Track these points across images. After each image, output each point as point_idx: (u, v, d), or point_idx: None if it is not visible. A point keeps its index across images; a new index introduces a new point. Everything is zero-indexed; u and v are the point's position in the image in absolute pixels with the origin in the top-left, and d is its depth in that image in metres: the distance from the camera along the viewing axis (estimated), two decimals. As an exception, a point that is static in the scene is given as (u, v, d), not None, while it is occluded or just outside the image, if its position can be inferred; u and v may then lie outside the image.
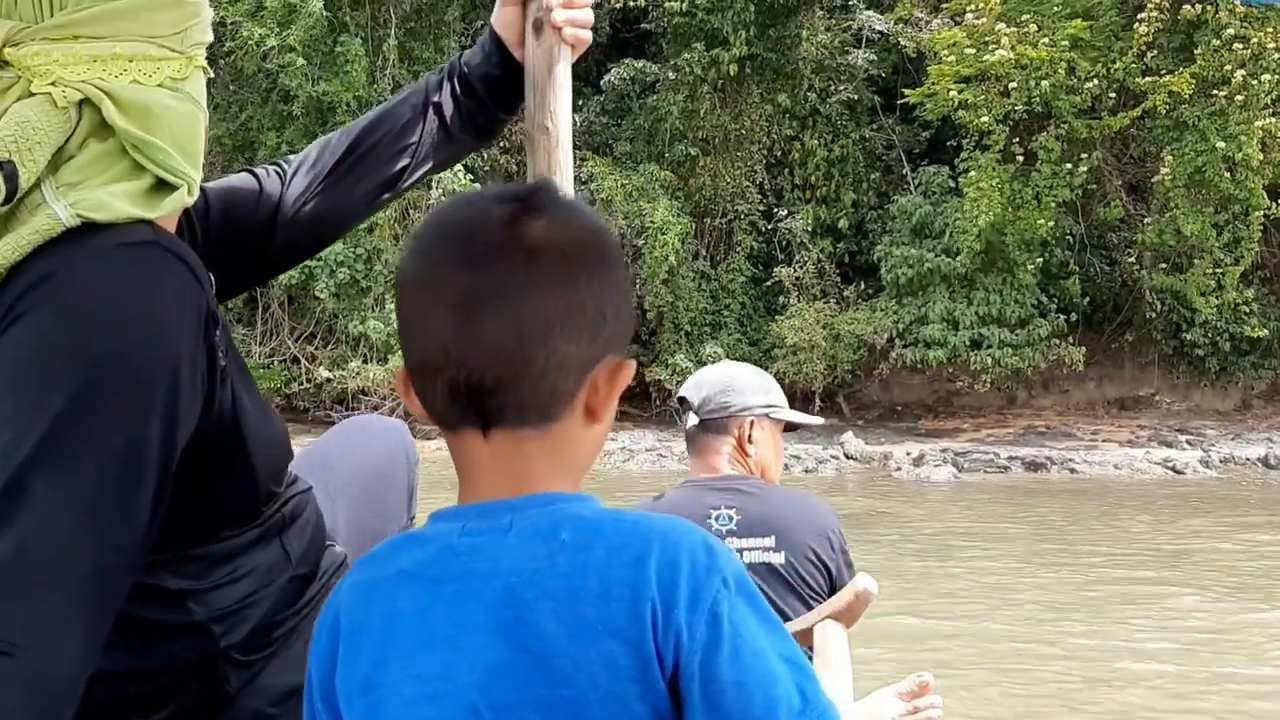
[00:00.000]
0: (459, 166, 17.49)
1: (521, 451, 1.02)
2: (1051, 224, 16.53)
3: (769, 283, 18.53)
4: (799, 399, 15.53)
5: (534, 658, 0.96)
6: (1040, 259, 16.79)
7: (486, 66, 1.79)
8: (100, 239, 1.23)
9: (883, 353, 17.52)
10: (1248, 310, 16.48)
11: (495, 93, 1.80)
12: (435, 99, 1.78)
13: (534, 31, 1.78)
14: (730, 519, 2.49)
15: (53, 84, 1.26)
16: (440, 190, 15.57)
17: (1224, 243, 16.34)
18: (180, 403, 1.22)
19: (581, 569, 0.97)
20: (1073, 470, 14.36)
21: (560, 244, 1.02)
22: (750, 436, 2.60)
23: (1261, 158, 15.88)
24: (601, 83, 18.94)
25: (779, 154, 18.65)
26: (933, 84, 16.82)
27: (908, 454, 15.06)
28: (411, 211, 16.85)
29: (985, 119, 16.47)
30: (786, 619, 2.35)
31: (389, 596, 1.03)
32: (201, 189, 1.56)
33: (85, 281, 1.20)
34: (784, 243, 18.52)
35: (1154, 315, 17.10)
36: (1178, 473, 14.10)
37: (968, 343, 16.85)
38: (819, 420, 3.35)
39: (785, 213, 18.52)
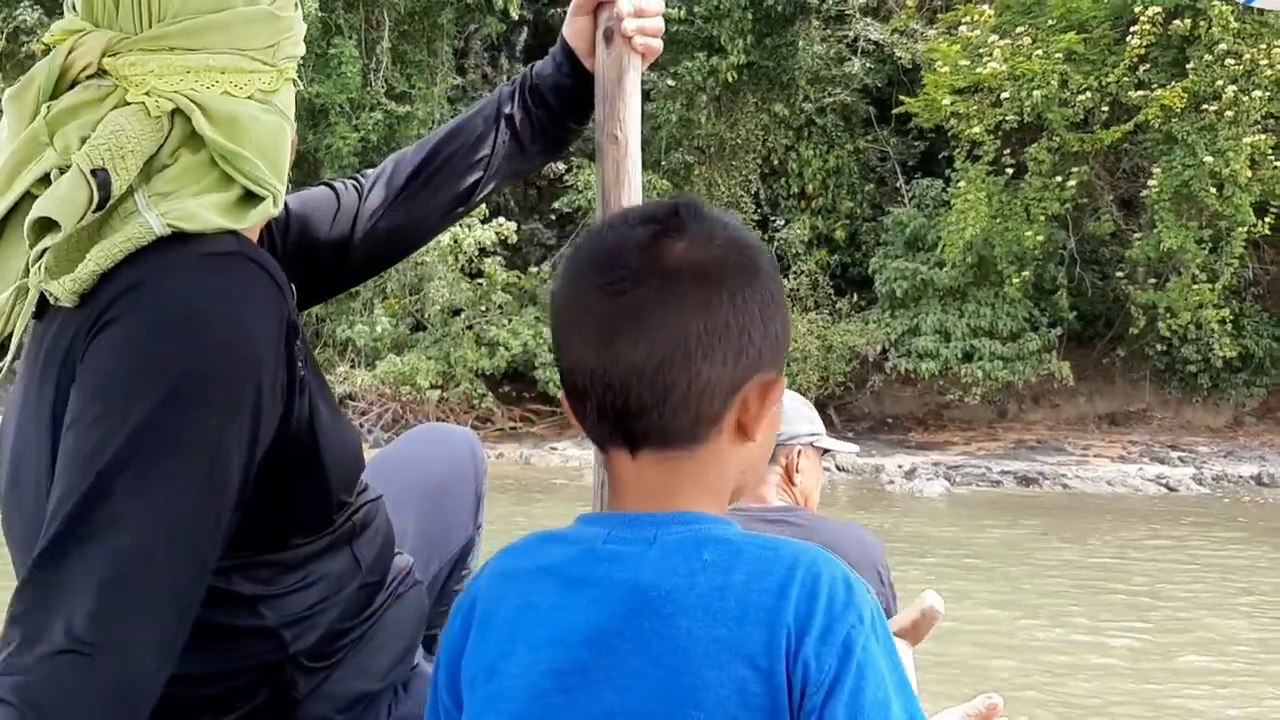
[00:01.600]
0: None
1: (668, 472, 1.03)
2: (1041, 237, 16.56)
3: (763, 293, 18.45)
4: (791, 409, 15.46)
5: (667, 673, 0.96)
6: (1030, 272, 16.81)
7: (557, 76, 1.80)
8: (187, 249, 1.26)
9: (875, 364, 17.54)
10: (1217, 329, 16.40)
11: (566, 102, 1.81)
12: (507, 110, 1.79)
13: (604, 41, 1.78)
14: None
15: (147, 94, 1.29)
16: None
17: (1206, 260, 16.31)
18: (262, 412, 1.24)
19: (720, 591, 0.97)
20: (1065, 486, 14.35)
21: (698, 263, 1.01)
22: (797, 466, 2.60)
23: (1250, 174, 15.91)
24: (598, 90, 18.86)
25: (775, 163, 18.66)
26: (927, 94, 16.86)
27: (899, 467, 15.04)
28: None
29: (976, 129, 16.51)
30: None
31: (525, 590, 1.05)
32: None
33: (172, 291, 1.23)
34: (779, 253, 18.51)
35: (1137, 331, 17.13)
36: (1171, 490, 14.10)
37: (959, 355, 16.87)
38: (854, 448, 3.35)
39: (782, 222, 18.52)
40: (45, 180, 1.27)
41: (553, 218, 18.25)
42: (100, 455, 1.16)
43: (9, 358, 1.36)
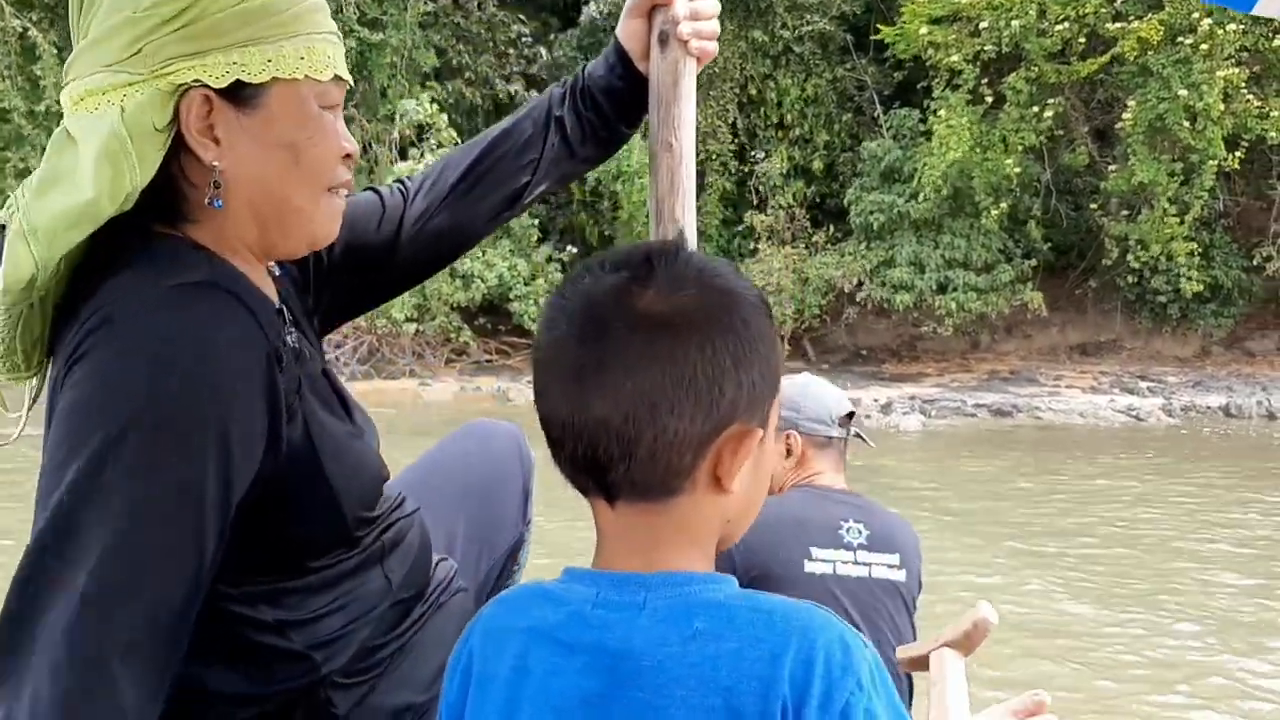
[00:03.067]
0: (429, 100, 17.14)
1: (647, 524, 1.01)
2: (1018, 169, 16.58)
3: (740, 227, 18.44)
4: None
5: None
6: (1006, 204, 16.86)
7: (609, 79, 1.76)
8: (159, 280, 1.24)
9: (850, 296, 17.59)
10: (1185, 261, 16.52)
11: (618, 105, 1.77)
12: (558, 113, 1.75)
13: (659, 44, 1.74)
14: (860, 533, 2.55)
15: None
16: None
17: (1178, 192, 16.40)
18: (232, 442, 1.21)
19: (713, 660, 0.95)
20: (1038, 418, 14.54)
21: (664, 314, 0.98)
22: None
23: (1223, 108, 15.96)
24: (580, 20, 18.66)
25: (753, 93, 18.47)
26: (905, 23, 16.72)
27: (875, 400, 15.15)
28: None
29: (955, 58, 16.43)
30: (902, 639, 2.44)
31: (519, 652, 1.03)
32: None
33: (139, 323, 1.21)
34: (758, 188, 18.40)
35: (1109, 262, 17.27)
36: (1140, 420, 14.32)
37: (934, 286, 16.95)
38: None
39: (761, 154, 18.38)
40: None
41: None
42: (65, 491, 1.15)
43: (25, 408, 1.36)
